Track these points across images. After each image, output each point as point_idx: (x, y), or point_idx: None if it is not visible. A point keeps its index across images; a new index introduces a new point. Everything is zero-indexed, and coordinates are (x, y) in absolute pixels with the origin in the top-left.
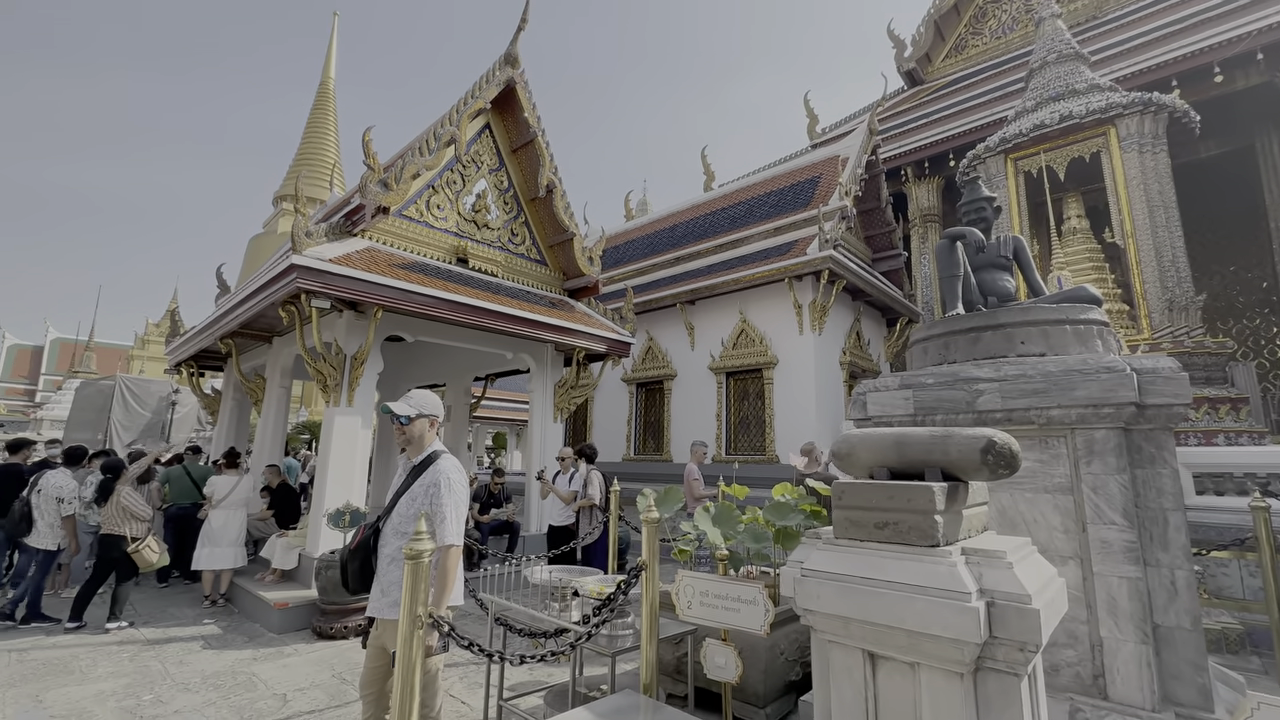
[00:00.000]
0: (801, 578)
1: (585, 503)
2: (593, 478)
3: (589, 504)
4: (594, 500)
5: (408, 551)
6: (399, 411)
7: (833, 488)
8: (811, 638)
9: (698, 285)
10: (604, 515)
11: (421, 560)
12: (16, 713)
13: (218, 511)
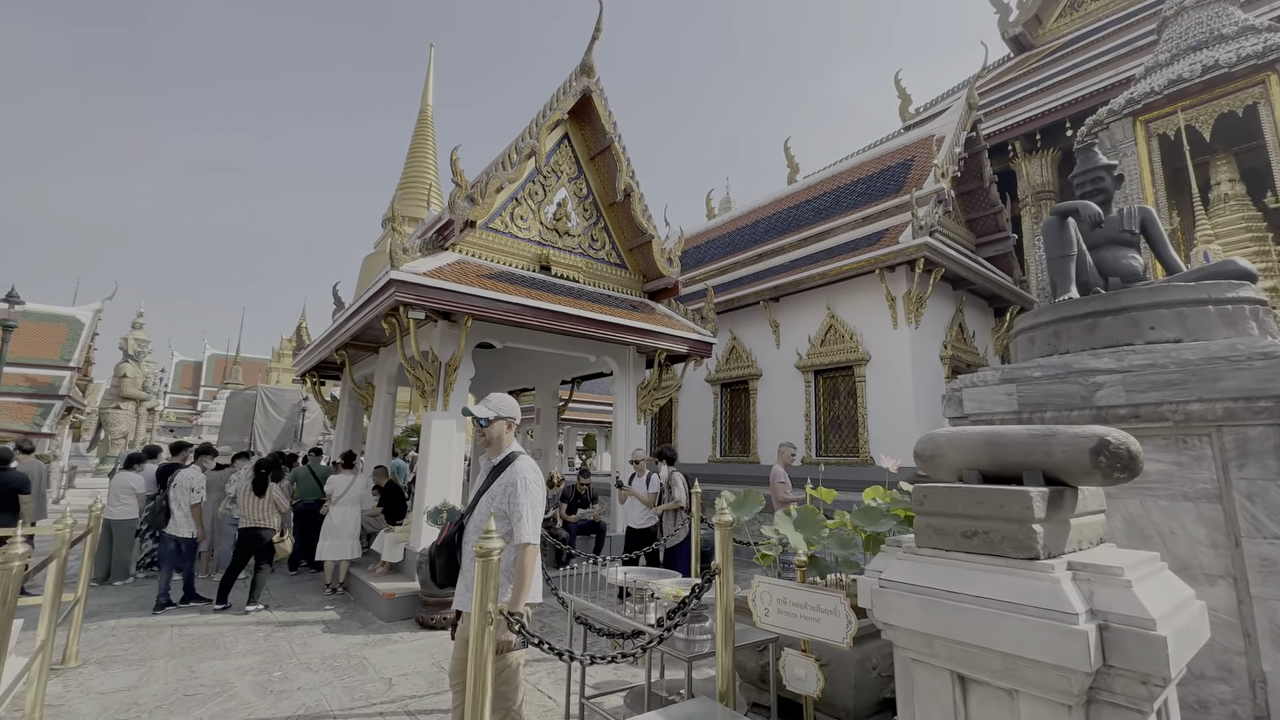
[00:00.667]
0: (879, 589)
1: (672, 506)
2: (676, 480)
3: (676, 507)
4: (681, 503)
5: (478, 550)
6: (479, 414)
7: (913, 492)
8: (894, 655)
9: (781, 281)
10: (689, 517)
11: (491, 558)
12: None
13: (336, 507)
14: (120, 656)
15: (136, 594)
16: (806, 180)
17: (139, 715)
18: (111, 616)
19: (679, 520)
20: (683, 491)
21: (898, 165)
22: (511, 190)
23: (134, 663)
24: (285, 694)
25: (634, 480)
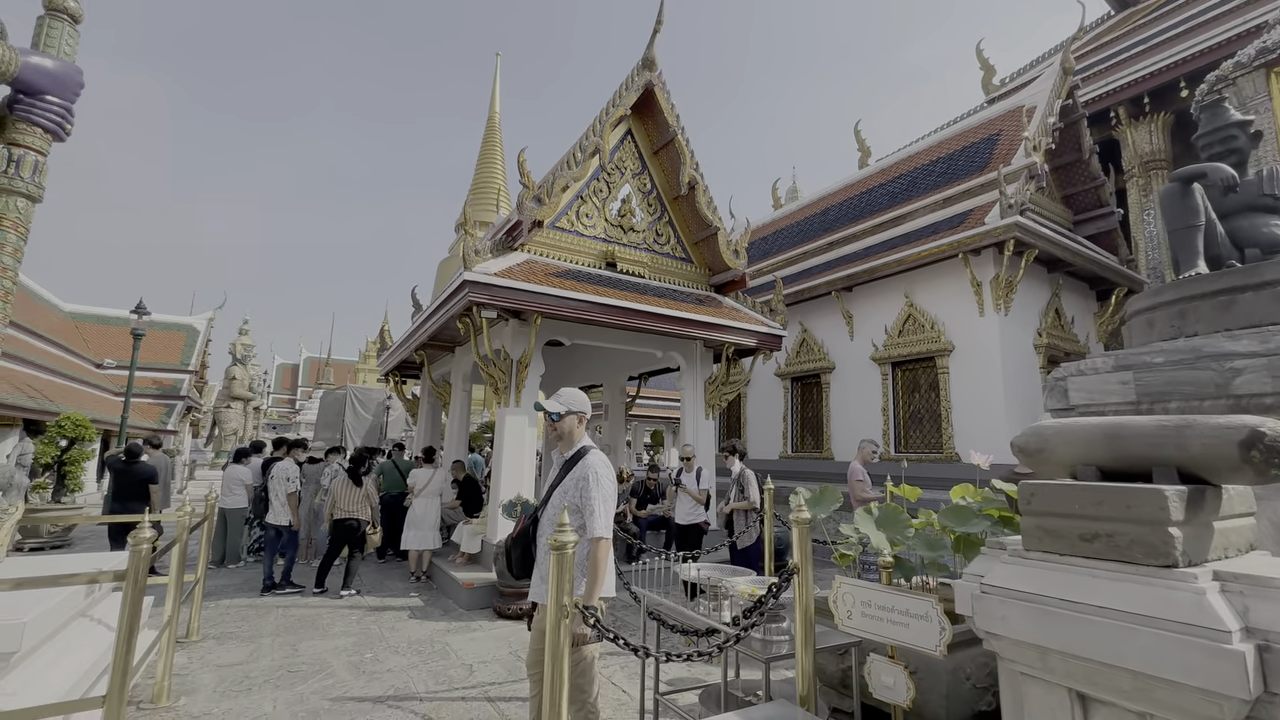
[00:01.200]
0: (981, 595)
1: (744, 505)
2: (748, 477)
3: (748, 507)
4: (754, 503)
5: (553, 544)
6: (550, 409)
7: (1019, 490)
8: (999, 667)
9: (855, 270)
10: (760, 516)
11: (565, 552)
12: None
13: (419, 500)
14: (234, 633)
15: (247, 576)
16: (880, 163)
17: (250, 688)
18: (226, 596)
19: (749, 519)
20: (755, 490)
21: (982, 141)
22: (576, 189)
23: (245, 639)
24: (376, 675)
25: (682, 476)
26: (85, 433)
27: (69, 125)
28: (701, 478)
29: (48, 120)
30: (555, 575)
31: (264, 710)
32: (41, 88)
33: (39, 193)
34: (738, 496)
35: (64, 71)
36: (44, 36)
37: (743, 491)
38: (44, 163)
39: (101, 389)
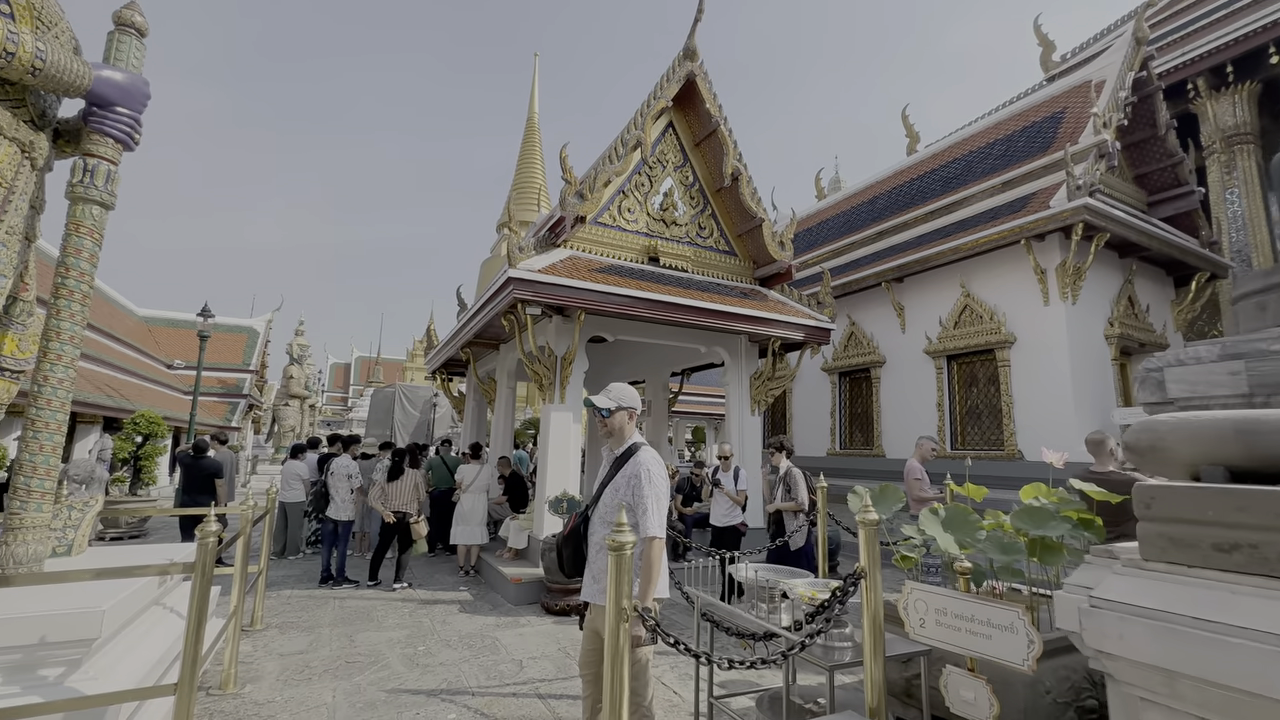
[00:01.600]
0: (1091, 609)
1: (792, 506)
2: (795, 476)
3: (796, 508)
4: (801, 503)
5: (610, 543)
6: (600, 404)
7: (1136, 493)
8: (1109, 688)
9: (906, 259)
10: (810, 516)
11: (624, 552)
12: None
13: (466, 495)
14: (294, 623)
15: (306, 568)
16: (931, 148)
17: (310, 677)
18: (287, 587)
19: (799, 519)
20: (802, 489)
21: (1045, 120)
22: (618, 183)
23: (305, 629)
24: (429, 668)
25: (718, 474)
26: (158, 429)
27: (137, 135)
28: (740, 478)
29: (118, 130)
30: (614, 577)
31: (324, 700)
32: (112, 99)
33: (111, 200)
34: (784, 496)
35: (132, 83)
36: (114, 50)
37: (789, 491)
38: (115, 171)
39: (172, 388)
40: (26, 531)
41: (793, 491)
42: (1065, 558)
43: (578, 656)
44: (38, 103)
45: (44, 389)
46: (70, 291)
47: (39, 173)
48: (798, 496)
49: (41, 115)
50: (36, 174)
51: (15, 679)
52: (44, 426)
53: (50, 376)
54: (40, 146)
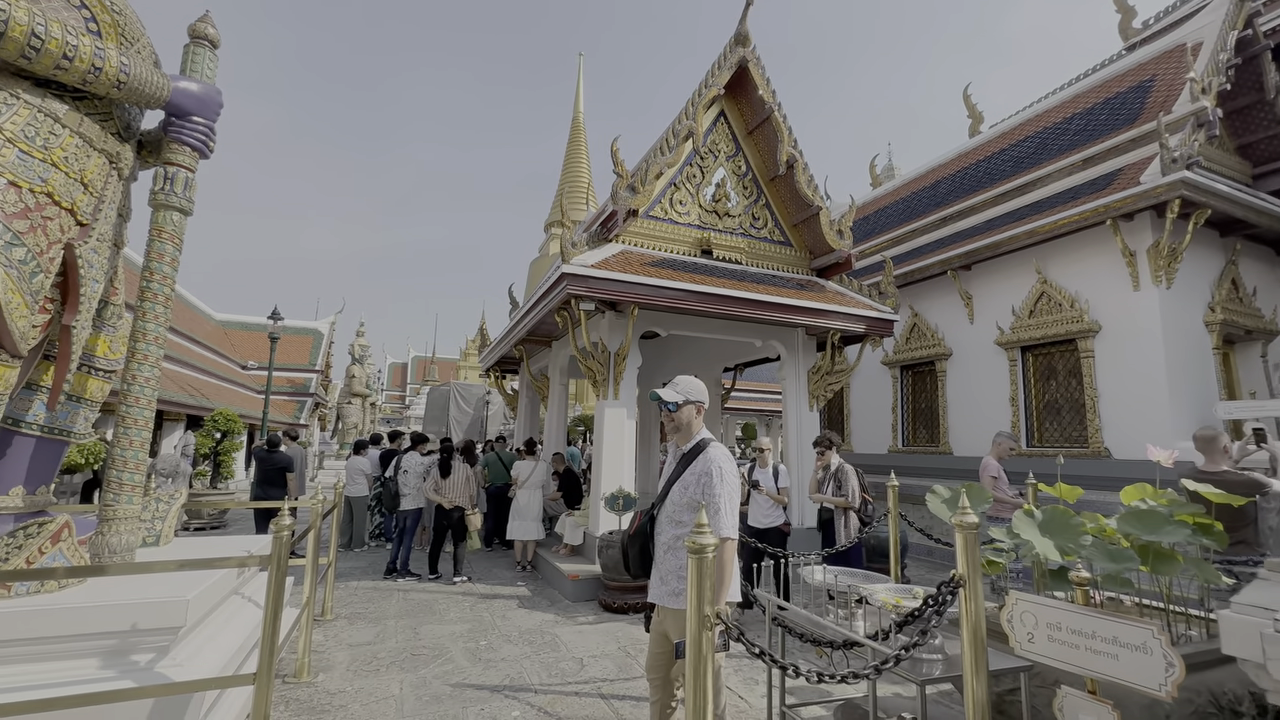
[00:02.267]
0: (1277, 635)
1: (842, 503)
2: (846, 473)
3: (846, 505)
4: (852, 503)
5: (691, 546)
6: (667, 398)
7: None
8: None
9: (975, 245)
10: (865, 517)
11: (705, 556)
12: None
13: (522, 491)
14: (362, 614)
15: (371, 560)
16: (997, 128)
17: (378, 668)
18: (354, 578)
19: (846, 520)
20: (853, 485)
21: (1131, 90)
22: (670, 175)
23: (372, 620)
24: (492, 663)
25: (755, 471)
26: (234, 426)
27: (212, 143)
28: (780, 475)
29: (195, 139)
30: (695, 582)
31: (392, 692)
32: (188, 109)
33: (190, 206)
34: (834, 493)
35: (206, 93)
36: (189, 62)
37: (839, 487)
38: (193, 179)
39: (247, 387)
40: (119, 523)
41: (843, 488)
42: (1180, 566)
43: (644, 659)
44: (123, 115)
45: (132, 387)
46: (154, 294)
47: (125, 182)
48: (847, 492)
49: (126, 127)
50: (123, 183)
51: (112, 663)
52: (133, 423)
53: (137, 376)
54: (126, 157)
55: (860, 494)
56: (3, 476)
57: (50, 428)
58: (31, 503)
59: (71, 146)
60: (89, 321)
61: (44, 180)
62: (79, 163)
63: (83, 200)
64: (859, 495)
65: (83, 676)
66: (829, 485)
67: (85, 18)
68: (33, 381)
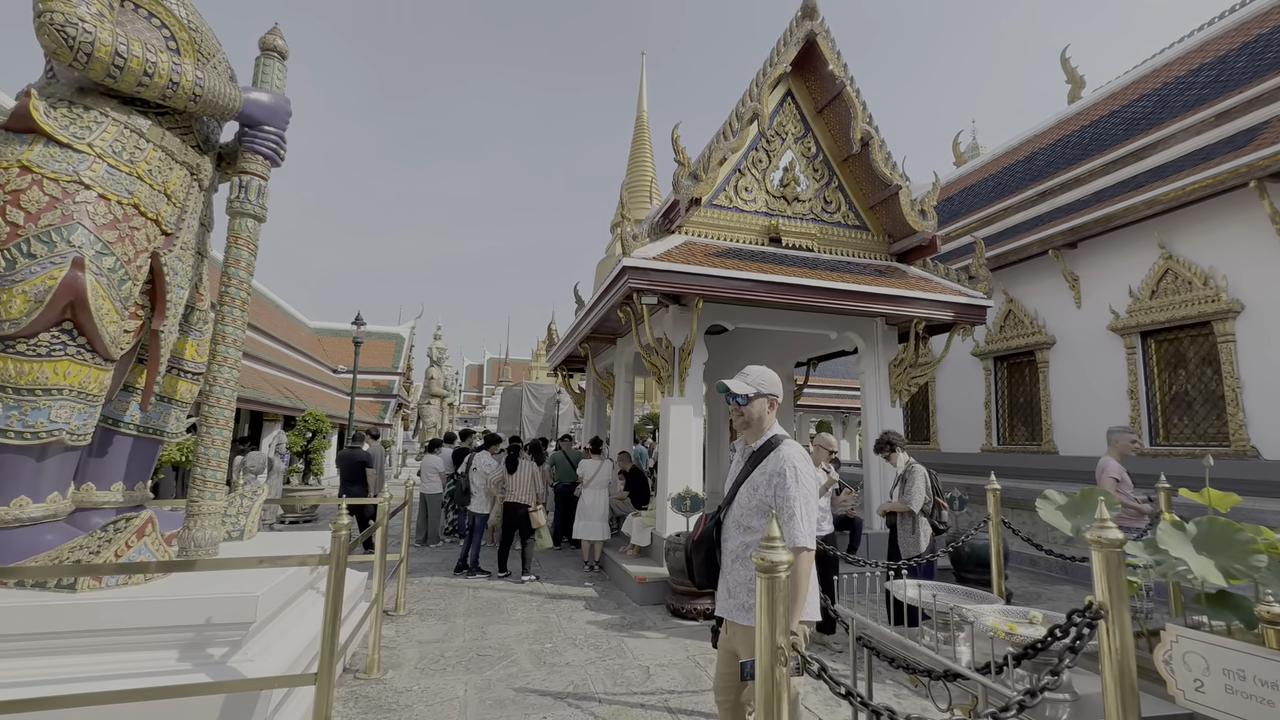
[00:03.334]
0: None
1: (899, 507)
2: (915, 472)
3: (902, 508)
4: (908, 505)
5: (760, 563)
6: (736, 390)
7: None
8: None
9: (1083, 220)
10: (939, 524)
11: (778, 575)
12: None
13: (588, 490)
14: (432, 610)
15: (444, 556)
16: (1105, 88)
17: (445, 668)
18: (428, 574)
19: (913, 527)
20: (917, 488)
21: (1273, 30)
22: (734, 161)
23: (442, 617)
24: (556, 668)
25: None
26: (323, 426)
27: (283, 151)
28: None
29: (266, 148)
30: (765, 605)
31: (456, 693)
32: (260, 119)
33: (263, 213)
34: (899, 496)
35: (276, 103)
36: (260, 73)
37: (903, 490)
38: (265, 186)
39: (336, 389)
40: (203, 518)
41: (905, 491)
42: None
43: (712, 677)
44: (202, 129)
45: (213, 388)
46: (232, 298)
47: (206, 193)
48: (910, 499)
49: (205, 140)
50: (204, 194)
51: (189, 656)
52: (214, 422)
53: (218, 377)
54: (205, 168)
55: (930, 497)
56: (104, 473)
57: (145, 427)
58: (130, 498)
59: (155, 160)
60: (176, 326)
61: (130, 193)
62: (162, 175)
63: (166, 211)
64: (923, 497)
65: (162, 668)
66: (895, 488)
67: (165, 36)
68: (129, 384)
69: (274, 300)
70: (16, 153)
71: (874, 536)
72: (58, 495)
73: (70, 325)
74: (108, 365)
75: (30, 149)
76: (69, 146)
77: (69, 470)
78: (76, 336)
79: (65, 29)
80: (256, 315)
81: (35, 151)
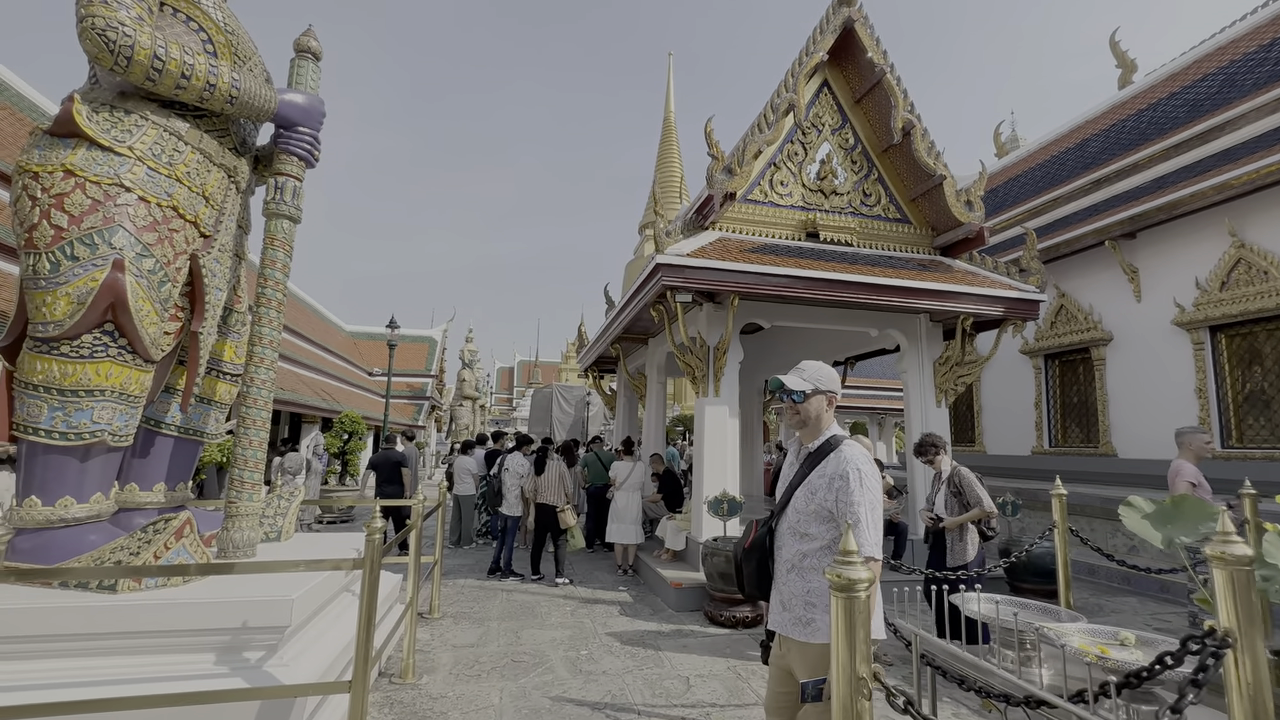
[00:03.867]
0: None
1: (977, 515)
2: (967, 478)
3: (981, 516)
4: (989, 510)
5: (837, 580)
6: (792, 386)
7: None
8: None
9: (1142, 209)
10: (989, 530)
11: (857, 594)
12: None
13: (620, 493)
14: (467, 614)
15: (478, 558)
16: (1162, 70)
17: (480, 674)
18: (461, 576)
19: (961, 534)
20: (983, 495)
21: None
22: (769, 154)
23: (476, 621)
24: (593, 676)
25: None
26: (359, 428)
27: (317, 152)
28: None
29: (301, 148)
30: (842, 629)
31: (491, 701)
32: (294, 120)
33: (298, 214)
34: (957, 507)
35: (310, 104)
36: (295, 75)
37: (960, 497)
38: (300, 187)
39: (372, 392)
40: (241, 519)
41: (966, 495)
42: None
43: (756, 683)
44: (238, 131)
45: (250, 389)
46: (268, 299)
47: (243, 195)
48: (983, 501)
49: (242, 143)
50: (241, 196)
51: (225, 660)
52: (251, 423)
53: (255, 378)
54: (242, 171)
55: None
56: (146, 474)
57: (185, 428)
58: (172, 498)
59: (193, 162)
60: (214, 328)
61: (169, 195)
62: (200, 177)
63: (205, 213)
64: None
65: (200, 671)
66: (942, 494)
67: (202, 40)
68: (171, 385)
69: (312, 305)
70: (61, 157)
71: (918, 543)
72: (101, 496)
73: (111, 327)
74: (148, 367)
75: (74, 153)
76: (110, 150)
77: (112, 471)
78: (117, 338)
79: (106, 33)
80: (295, 320)
81: (79, 155)
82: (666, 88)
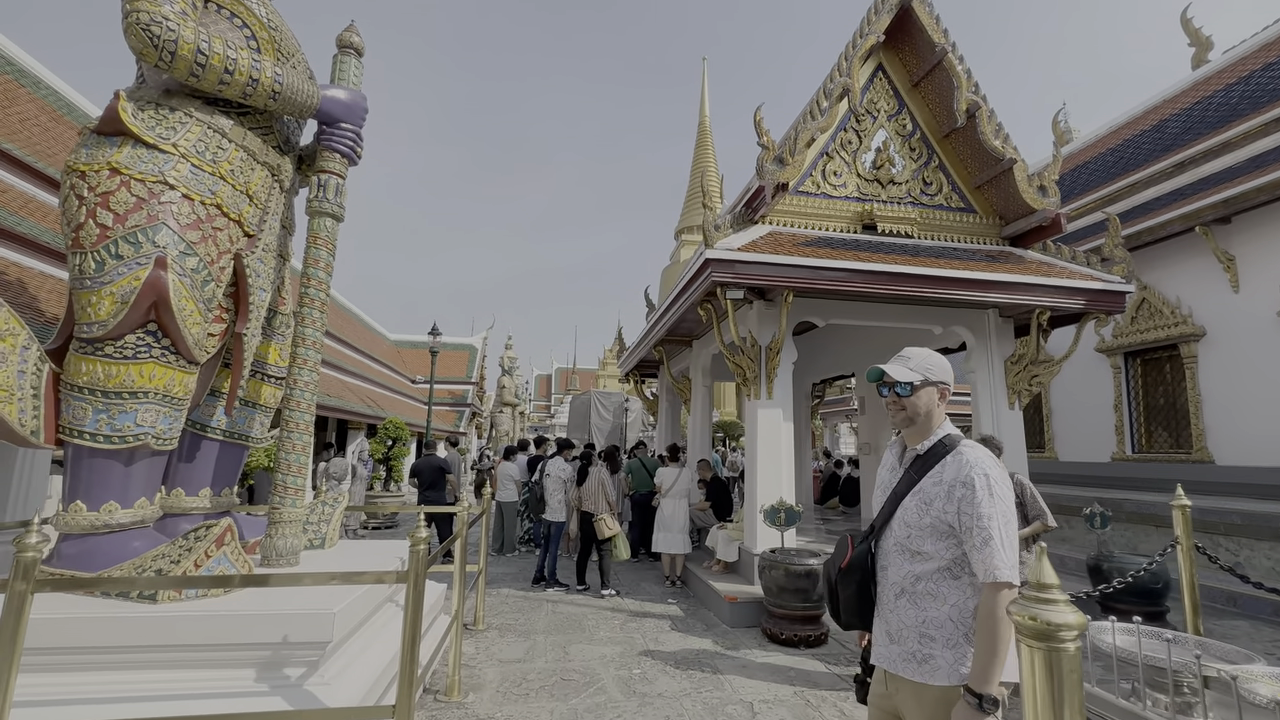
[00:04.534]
0: None
1: (1039, 529)
2: (1026, 487)
3: (1044, 529)
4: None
5: (1029, 624)
6: (898, 377)
7: None
8: None
9: (1238, 190)
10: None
11: (1063, 646)
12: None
13: (666, 500)
14: (512, 626)
15: (521, 565)
16: (1256, 39)
17: (528, 692)
18: (505, 585)
19: (1026, 546)
20: (1044, 507)
21: None
22: (822, 143)
23: (522, 634)
24: (648, 699)
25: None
26: (402, 434)
27: (360, 149)
28: None
29: (343, 145)
30: (1043, 694)
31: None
32: (337, 116)
33: (341, 212)
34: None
35: (353, 100)
36: (337, 70)
37: (1022, 509)
38: (343, 185)
39: (415, 399)
40: (284, 525)
41: (1028, 508)
42: None
43: (828, 710)
44: (282, 130)
45: (293, 392)
46: (311, 300)
47: (286, 194)
48: (1045, 515)
49: (286, 141)
50: (284, 195)
51: (265, 677)
52: (295, 427)
53: (298, 380)
54: (286, 169)
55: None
56: (192, 479)
57: (230, 432)
58: (217, 503)
59: (237, 160)
60: (259, 329)
61: (213, 193)
62: (244, 175)
63: (249, 211)
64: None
65: (240, 688)
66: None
67: (246, 35)
68: (216, 388)
69: (357, 314)
70: (106, 155)
71: None
72: (145, 501)
73: (155, 327)
74: (192, 368)
75: (119, 151)
76: (155, 147)
77: (156, 476)
78: (161, 338)
79: (150, 28)
80: (342, 328)
81: (124, 154)
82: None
